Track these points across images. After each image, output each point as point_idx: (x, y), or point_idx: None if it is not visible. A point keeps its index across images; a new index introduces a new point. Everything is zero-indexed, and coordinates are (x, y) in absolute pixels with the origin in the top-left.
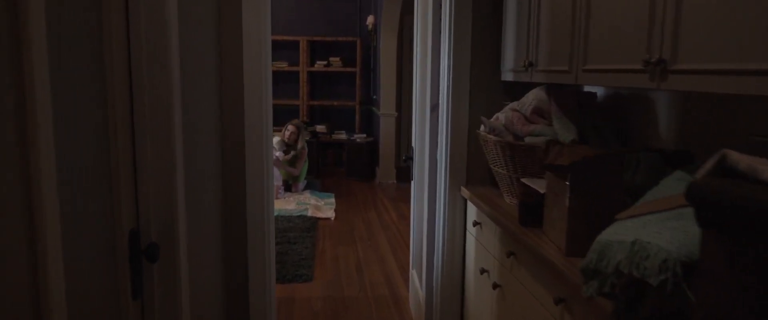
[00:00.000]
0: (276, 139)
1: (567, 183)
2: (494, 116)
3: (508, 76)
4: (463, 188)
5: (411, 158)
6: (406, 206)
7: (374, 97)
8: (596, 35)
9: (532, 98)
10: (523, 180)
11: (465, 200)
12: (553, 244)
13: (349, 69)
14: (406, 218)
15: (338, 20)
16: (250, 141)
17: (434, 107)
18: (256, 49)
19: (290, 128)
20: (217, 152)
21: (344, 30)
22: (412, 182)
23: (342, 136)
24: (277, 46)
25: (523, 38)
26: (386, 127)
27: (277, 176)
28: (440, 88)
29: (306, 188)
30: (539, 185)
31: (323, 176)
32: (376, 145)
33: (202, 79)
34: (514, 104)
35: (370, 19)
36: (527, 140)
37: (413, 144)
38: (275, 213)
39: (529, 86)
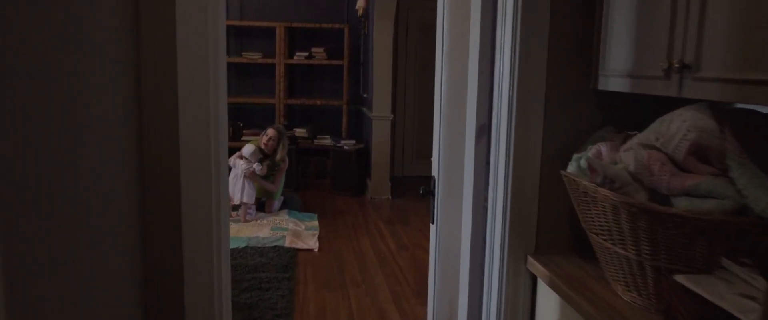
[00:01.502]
0: (250, 147)
1: None
2: (592, 149)
3: (615, 84)
4: (531, 260)
5: (432, 193)
6: (405, 230)
7: (365, 95)
8: None
9: (685, 127)
10: (681, 279)
11: (534, 280)
12: None
13: (334, 62)
14: (406, 248)
15: (322, 4)
16: (189, 149)
17: (482, 130)
18: (197, 32)
19: (269, 133)
20: (129, 165)
21: (329, 15)
22: (434, 229)
23: (326, 141)
24: (248, 33)
25: (661, 21)
26: (379, 132)
27: (250, 194)
28: (494, 100)
29: (283, 206)
30: (713, 293)
31: (304, 190)
32: (368, 153)
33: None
34: (647, 136)
35: (360, 2)
36: (680, 202)
37: (434, 173)
38: (243, 243)
39: (658, 103)
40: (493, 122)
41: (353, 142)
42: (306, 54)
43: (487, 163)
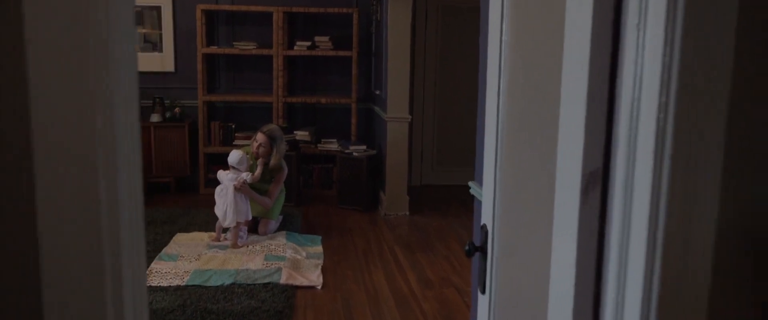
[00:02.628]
0: (237, 154)
1: None
2: None
3: None
4: None
5: (481, 250)
6: (427, 259)
7: (377, 93)
8: None
9: None
10: None
11: None
12: None
13: (342, 53)
14: (430, 285)
15: None
16: (49, 156)
17: (592, 180)
18: None
19: (259, 138)
20: None
21: None
22: (485, 303)
23: (332, 146)
24: (241, 20)
25: None
26: (395, 136)
27: (244, 211)
28: (618, 132)
29: (281, 227)
30: None
31: (306, 205)
32: (381, 161)
33: None
34: None
35: None
36: None
37: (485, 221)
38: (229, 279)
39: None
40: (616, 168)
41: (364, 147)
42: (308, 44)
43: (601, 234)
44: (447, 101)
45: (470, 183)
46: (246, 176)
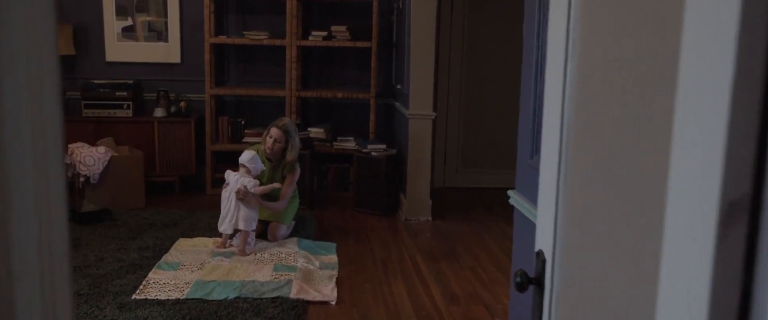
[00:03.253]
0: (249, 153)
1: None
2: None
3: None
4: None
5: (536, 283)
6: (453, 269)
7: (398, 87)
8: None
9: None
10: None
11: None
12: None
13: (360, 44)
14: (457, 300)
15: None
16: None
17: (734, 212)
18: None
19: (273, 133)
20: None
21: None
22: None
23: (349, 145)
24: (251, 8)
25: None
26: (417, 134)
27: (251, 218)
28: None
29: (293, 233)
30: None
31: (320, 208)
32: (401, 161)
33: None
34: None
35: None
36: None
37: (541, 247)
38: (233, 293)
39: None
40: None
41: (383, 147)
42: (324, 34)
43: (746, 285)
44: (474, 97)
45: (511, 193)
46: (250, 184)
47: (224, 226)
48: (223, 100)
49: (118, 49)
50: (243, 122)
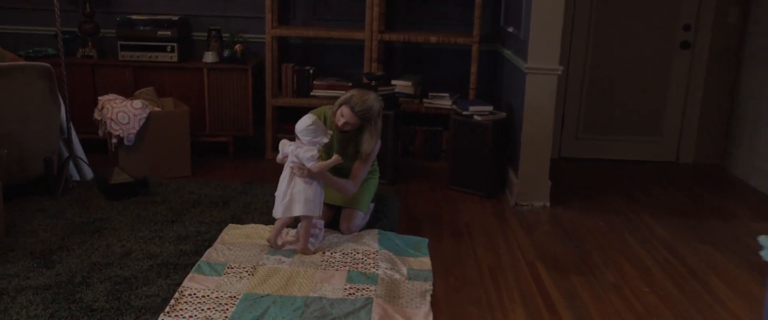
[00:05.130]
0: (308, 120)
1: None
2: None
3: None
4: None
5: None
6: (588, 286)
7: (510, 30)
8: None
9: None
10: None
11: None
12: None
13: None
14: None
15: None
16: None
17: None
18: None
19: (345, 113)
20: None
21: None
22: None
23: (443, 103)
24: None
25: None
26: (537, 95)
27: (315, 201)
28: None
29: (370, 223)
30: None
31: (403, 183)
32: (512, 129)
33: None
34: None
35: None
36: None
37: None
38: (294, 315)
39: None
40: None
41: (489, 109)
42: None
43: None
44: (603, 48)
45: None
46: (306, 156)
47: (279, 210)
48: (288, 42)
49: None
50: (311, 71)
